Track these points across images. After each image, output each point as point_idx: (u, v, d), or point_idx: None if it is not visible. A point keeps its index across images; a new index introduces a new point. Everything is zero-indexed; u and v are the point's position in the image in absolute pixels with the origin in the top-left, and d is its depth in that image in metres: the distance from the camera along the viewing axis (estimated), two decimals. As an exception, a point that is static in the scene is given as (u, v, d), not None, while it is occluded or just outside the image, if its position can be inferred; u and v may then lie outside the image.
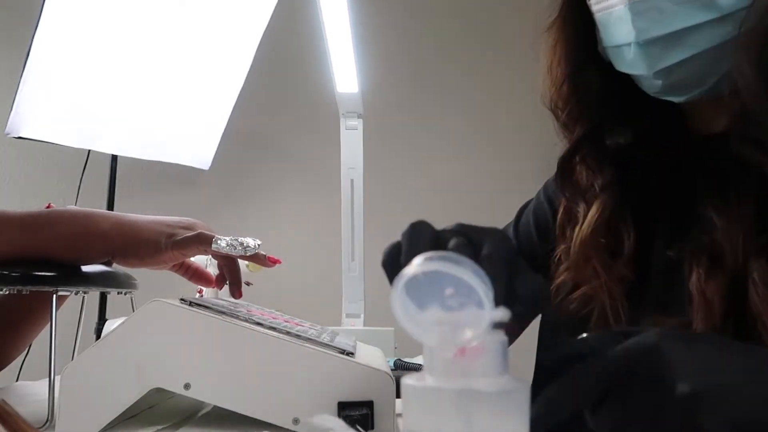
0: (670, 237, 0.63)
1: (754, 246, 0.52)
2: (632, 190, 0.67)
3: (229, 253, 0.74)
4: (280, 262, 0.81)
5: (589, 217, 0.67)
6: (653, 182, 0.66)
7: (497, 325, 0.32)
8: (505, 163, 2.16)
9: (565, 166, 0.69)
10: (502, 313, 0.31)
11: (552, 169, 0.74)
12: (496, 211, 0.86)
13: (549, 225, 0.78)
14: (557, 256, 0.71)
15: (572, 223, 0.70)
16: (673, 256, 0.61)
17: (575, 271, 0.67)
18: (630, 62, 0.58)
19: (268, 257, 0.80)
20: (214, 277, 0.85)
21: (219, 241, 0.74)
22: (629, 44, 0.57)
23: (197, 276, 0.85)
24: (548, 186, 0.84)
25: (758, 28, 0.51)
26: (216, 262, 0.86)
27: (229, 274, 0.81)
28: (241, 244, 0.74)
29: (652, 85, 0.59)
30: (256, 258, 0.79)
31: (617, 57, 0.60)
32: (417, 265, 0.33)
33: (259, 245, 0.76)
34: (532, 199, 0.87)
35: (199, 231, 0.75)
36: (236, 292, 0.80)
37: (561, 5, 0.67)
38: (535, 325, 0.75)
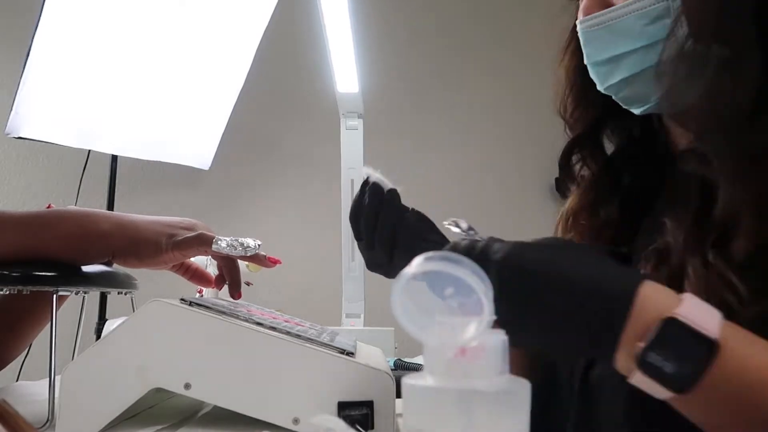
0: (640, 238, 0.69)
1: (693, 245, 0.57)
2: (618, 187, 0.74)
3: (230, 253, 0.74)
4: (280, 263, 0.81)
5: (573, 198, 0.76)
6: (634, 186, 0.73)
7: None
8: (506, 163, 2.16)
9: (565, 162, 0.77)
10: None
11: (554, 171, 0.76)
12: (497, 211, 0.86)
13: None
14: None
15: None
16: (625, 252, 0.68)
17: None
18: (594, 79, 0.68)
19: (268, 257, 0.80)
20: (214, 278, 0.85)
21: (219, 242, 0.74)
22: (588, 64, 0.67)
23: (197, 276, 0.85)
24: None
25: (668, 60, 0.58)
26: (216, 262, 0.86)
27: (229, 275, 0.81)
28: (242, 244, 0.74)
29: (614, 98, 0.68)
30: (256, 258, 0.79)
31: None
32: (417, 265, 0.33)
33: (259, 245, 0.76)
34: None
35: (200, 232, 0.75)
36: (235, 293, 0.80)
37: (571, 26, 0.74)
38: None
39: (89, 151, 1.69)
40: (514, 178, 2.15)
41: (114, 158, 1.75)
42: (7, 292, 0.65)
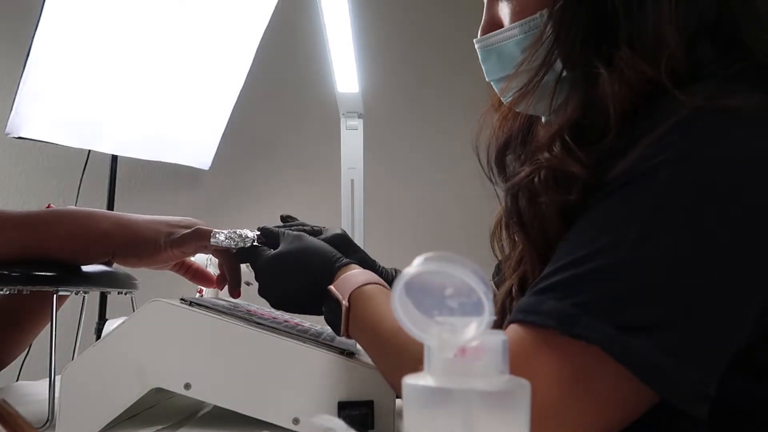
0: None
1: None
2: None
3: (229, 246, 0.74)
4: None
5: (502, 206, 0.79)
6: None
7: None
8: (505, 163, 2.16)
9: (500, 161, 0.79)
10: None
11: None
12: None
13: None
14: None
15: None
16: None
17: (496, 255, 0.78)
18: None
19: (211, 278, 0.82)
20: (214, 277, 0.85)
21: (217, 235, 0.73)
22: None
23: (198, 276, 0.85)
24: None
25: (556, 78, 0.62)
26: (216, 261, 0.86)
27: (229, 274, 0.81)
28: (240, 235, 0.74)
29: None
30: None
31: None
32: (417, 265, 0.33)
33: (257, 236, 0.75)
34: None
35: (197, 227, 0.75)
36: (234, 292, 0.80)
37: None
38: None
39: (89, 151, 1.69)
40: (514, 178, 2.15)
41: (114, 158, 1.74)
42: (7, 292, 0.65)
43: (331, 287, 0.67)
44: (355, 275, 0.68)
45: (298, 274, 0.70)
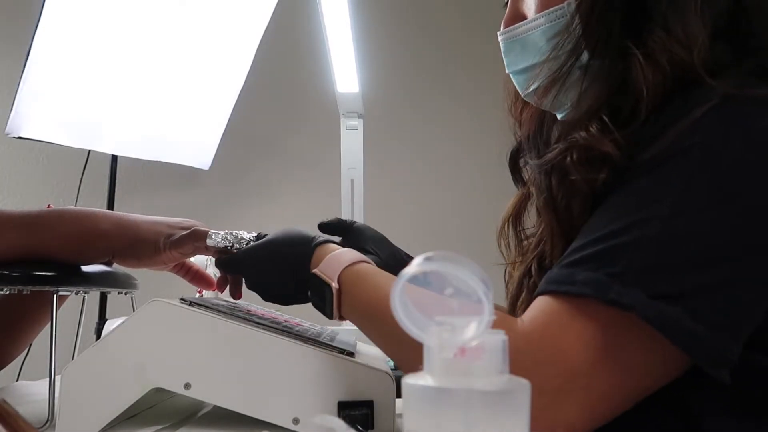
0: None
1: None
2: None
3: (225, 246, 0.74)
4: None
5: (510, 204, 0.82)
6: None
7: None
8: (505, 164, 2.15)
9: (513, 166, 0.83)
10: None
11: None
12: (496, 212, 0.86)
13: None
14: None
15: None
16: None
17: (502, 252, 0.80)
18: (516, 86, 0.74)
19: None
20: (213, 279, 0.85)
21: (214, 236, 0.74)
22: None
23: (197, 278, 0.85)
24: None
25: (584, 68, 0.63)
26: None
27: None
28: (236, 237, 0.74)
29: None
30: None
31: None
32: (417, 264, 0.33)
33: (253, 237, 0.75)
34: None
35: (194, 228, 0.75)
36: (236, 293, 0.80)
37: None
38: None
39: (89, 151, 1.69)
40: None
41: (114, 158, 1.74)
42: (7, 292, 0.65)
43: (317, 270, 0.65)
44: (340, 254, 0.66)
45: (275, 263, 0.70)
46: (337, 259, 0.65)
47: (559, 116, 0.71)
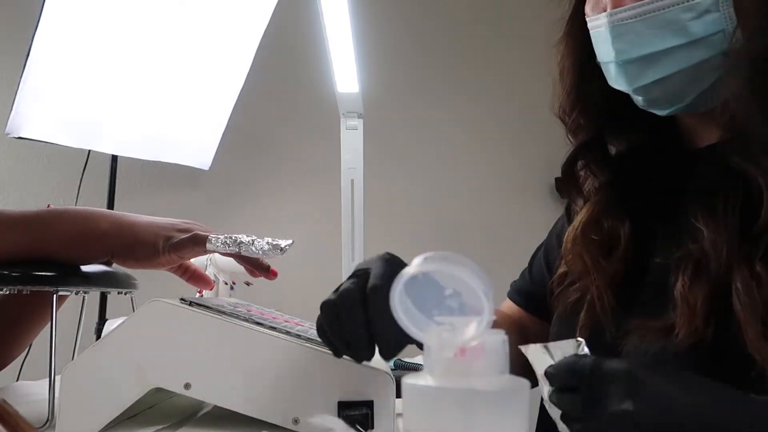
0: (662, 244, 0.65)
1: (737, 255, 0.55)
2: (629, 194, 0.70)
3: (225, 251, 0.74)
4: (275, 276, 0.80)
5: (582, 213, 0.71)
6: (648, 191, 0.70)
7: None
8: (506, 164, 2.16)
9: (568, 170, 0.73)
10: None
11: (554, 171, 0.75)
12: (496, 211, 0.86)
13: (557, 257, 0.80)
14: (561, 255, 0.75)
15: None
16: (660, 262, 0.63)
17: (569, 265, 0.71)
18: (614, 79, 0.63)
19: (271, 270, 0.79)
20: (211, 279, 0.85)
21: (214, 240, 0.73)
22: (612, 62, 0.61)
23: (195, 278, 0.85)
24: (558, 222, 0.88)
25: (745, 50, 0.54)
26: (216, 262, 0.86)
27: (247, 262, 0.79)
28: (235, 241, 0.74)
29: (636, 100, 0.63)
30: (253, 264, 0.78)
31: (606, 72, 0.65)
32: (417, 265, 0.33)
33: (253, 240, 0.75)
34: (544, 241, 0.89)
35: (194, 232, 0.75)
36: (262, 273, 0.78)
37: (568, 20, 0.71)
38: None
39: (89, 151, 1.69)
40: (515, 178, 2.15)
41: (114, 158, 1.74)
42: (7, 292, 0.65)
43: None
44: None
45: None
46: None
47: (661, 113, 0.63)
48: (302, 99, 2.17)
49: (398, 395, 0.61)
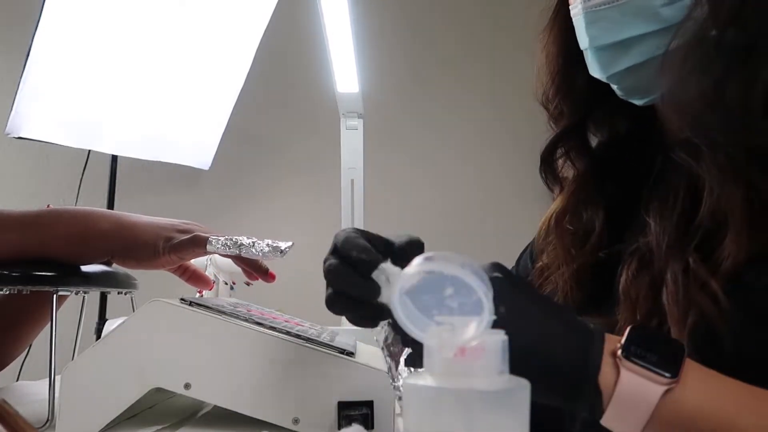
0: (628, 237, 0.64)
1: (674, 249, 0.54)
2: (606, 185, 0.70)
3: (225, 253, 0.74)
4: (273, 279, 0.81)
5: (557, 202, 0.72)
6: (624, 182, 0.69)
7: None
8: (505, 164, 2.16)
9: (548, 157, 0.73)
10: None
11: None
12: (496, 211, 0.86)
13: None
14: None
15: None
16: (603, 256, 0.64)
17: (541, 255, 0.71)
18: (590, 66, 0.63)
19: (270, 273, 0.80)
20: (210, 279, 0.85)
21: (214, 242, 0.73)
22: (587, 49, 0.61)
23: (195, 278, 0.85)
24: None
25: (681, 44, 0.54)
26: (216, 263, 0.86)
27: (247, 264, 0.79)
28: (235, 243, 0.74)
29: (614, 88, 0.63)
30: (248, 264, 0.78)
31: (586, 60, 0.64)
32: (417, 265, 0.33)
33: (253, 242, 0.74)
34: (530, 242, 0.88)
35: (194, 234, 0.75)
36: (261, 275, 0.79)
37: (555, 7, 0.70)
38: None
39: (89, 151, 1.69)
40: (515, 178, 2.15)
41: (114, 158, 1.74)
42: (7, 292, 0.65)
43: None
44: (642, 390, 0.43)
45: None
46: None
47: (638, 102, 0.62)
48: (302, 99, 2.17)
49: (398, 395, 0.61)
